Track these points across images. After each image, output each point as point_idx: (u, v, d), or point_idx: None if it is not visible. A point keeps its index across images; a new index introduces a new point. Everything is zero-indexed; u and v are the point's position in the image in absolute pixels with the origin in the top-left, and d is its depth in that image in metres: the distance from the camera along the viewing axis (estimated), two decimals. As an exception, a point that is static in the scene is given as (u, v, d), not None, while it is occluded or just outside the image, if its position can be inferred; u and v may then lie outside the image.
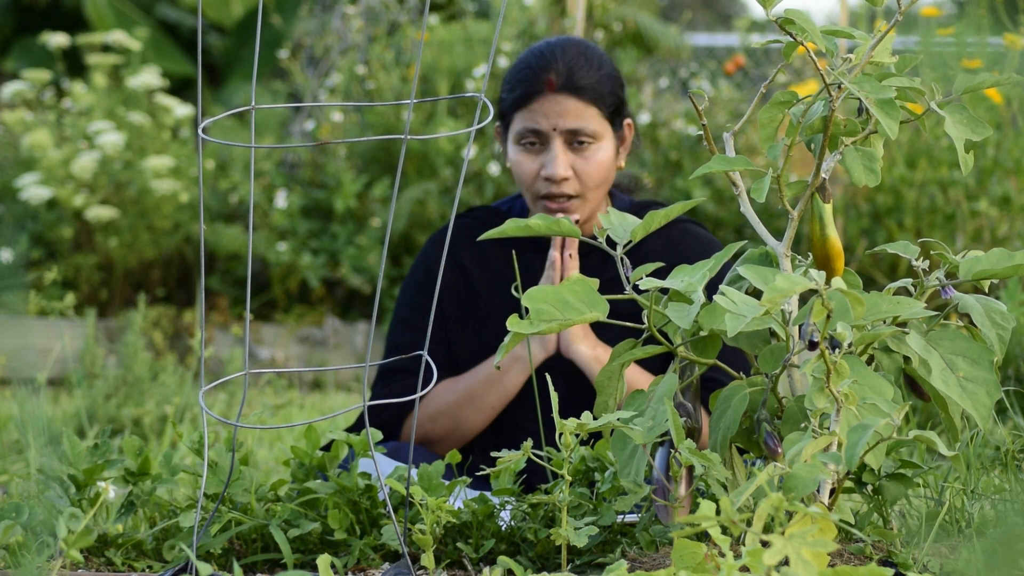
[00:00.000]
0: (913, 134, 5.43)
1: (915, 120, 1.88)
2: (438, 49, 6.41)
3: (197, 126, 1.97)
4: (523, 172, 2.63)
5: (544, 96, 2.61)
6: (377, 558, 2.02)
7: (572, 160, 2.61)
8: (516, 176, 2.65)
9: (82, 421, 3.74)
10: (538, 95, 2.61)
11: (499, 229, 1.94)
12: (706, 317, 1.82)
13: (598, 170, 2.62)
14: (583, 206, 2.63)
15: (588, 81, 2.62)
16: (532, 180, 2.62)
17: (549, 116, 2.60)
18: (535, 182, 2.62)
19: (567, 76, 2.61)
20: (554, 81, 2.60)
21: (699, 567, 1.55)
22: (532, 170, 2.62)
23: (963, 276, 1.85)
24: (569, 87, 2.61)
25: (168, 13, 10.14)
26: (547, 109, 2.60)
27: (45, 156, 5.94)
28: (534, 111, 2.61)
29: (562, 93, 2.60)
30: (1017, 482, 2.08)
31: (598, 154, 2.62)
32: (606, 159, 2.63)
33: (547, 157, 2.60)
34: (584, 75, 2.62)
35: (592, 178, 2.61)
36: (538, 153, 2.62)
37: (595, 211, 2.66)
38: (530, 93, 2.61)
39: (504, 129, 2.68)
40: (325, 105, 6.11)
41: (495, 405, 2.60)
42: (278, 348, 5.95)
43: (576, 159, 2.61)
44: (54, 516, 1.90)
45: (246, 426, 1.76)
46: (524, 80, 2.63)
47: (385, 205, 6.15)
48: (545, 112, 2.60)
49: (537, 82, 2.61)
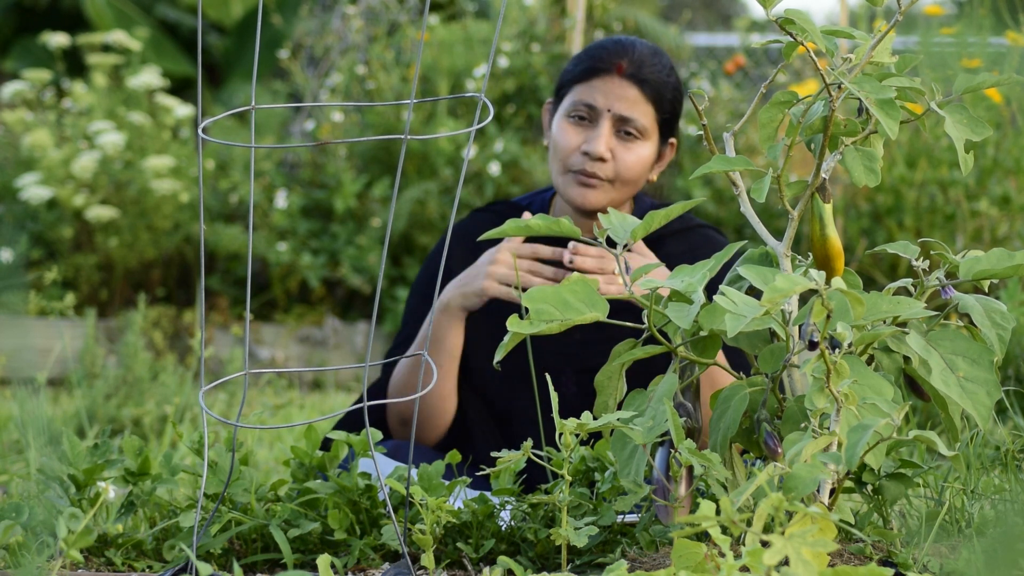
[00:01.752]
0: (913, 134, 5.43)
1: (915, 120, 1.88)
2: (438, 49, 6.41)
3: (197, 126, 1.97)
4: (565, 142, 2.64)
5: (609, 76, 2.64)
6: (377, 558, 2.02)
7: (614, 145, 2.63)
8: (554, 147, 2.66)
9: (82, 421, 3.74)
10: (604, 73, 2.65)
11: (499, 229, 1.94)
12: (706, 317, 1.82)
13: (636, 164, 2.63)
14: (608, 193, 2.64)
15: (655, 78, 2.65)
16: (570, 152, 2.64)
17: (608, 96, 2.63)
18: (572, 154, 2.64)
19: (637, 66, 2.64)
20: (624, 67, 2.64)
21: (699, 567, 1.55)
22: (574, 143, 2.64)
23: (963, 276, 1.85)
24: (636, 77, 2.64)
25: (168, 13, 10.14)
26: (608, 89, 2.63)
27: (45, 156, 5.94)
28: (594, 87, 2.64)
29: (628, 80, 2.64)
30: (1017, 482, 2.08)
31: (640, 150, 2.64)
32: (645, 158, 2.65)
33: (592, 134, 2.63)
34: (653, 72, 2.65)
35: (629, 169, 2.63)
36: (585, 129, 2.64)
37: (615, 205, 2.66)
38: (597, 69, 2.65)
39: (556, 103, 2.70)
40: (325, 105, 6.11)
41: (447, 368, 2.62)
42: (278, 348, 5.95)
43: (618, 146, 2.63)
44: (54, 516, 1.90)
45: (246, 426, 1.76)
46: (595, 57, 2.67)
47: (385, 205, 6.15)
48: (605, 91, 2.63)
49: (607, 61, 2.65)
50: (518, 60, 6.35)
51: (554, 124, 2.68)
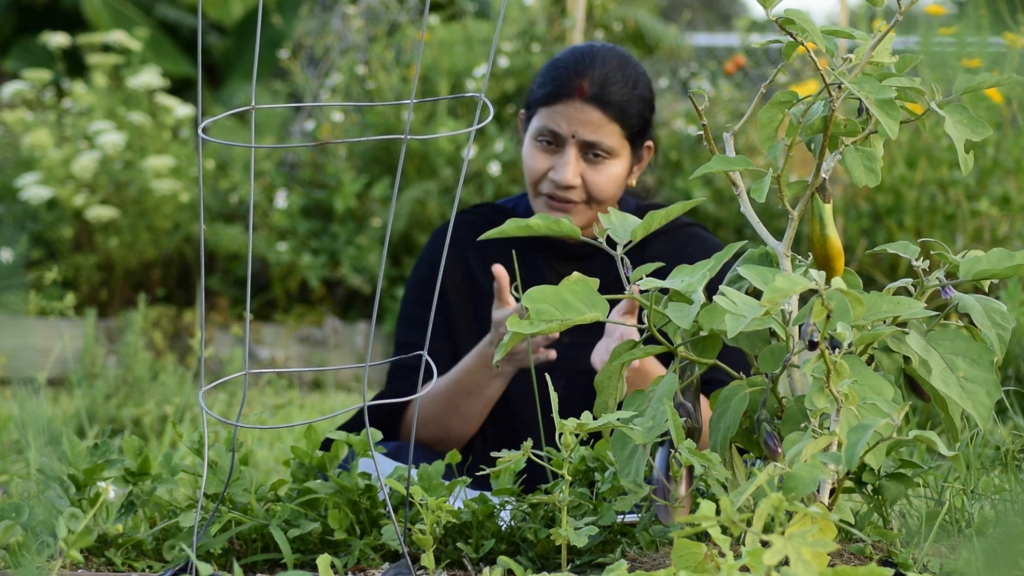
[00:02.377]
0: (913, 134, 5.43)
1: (915, 120, 1.88)
2: (438, 49, 6.41)
3: (197, 126, 1.97)
4: (533, 167, 2.63)
5: (572, 100, 2.60)
6: (377, 558, 2.02)
7: (583, 169, 2.61)
8: (525, 168, 2.66)
9: (82, 421, 3.74)
10: (566, 98, 2.61)
11: (499, 229, 1.94)
12: (706, 317, 1.82)
13: (607, 184, 2.62)
14: (582, 215, 2.63)
15: (618, 97, 2.61)
16: (539, 177, 2.63)
17: (571, 122, 2.60)
18: (542, 180, 2.63)
19: (599, 87, 2.60)
20: (585, 89, 2.60)
21: (699, 567, 1.55)
22: (542, 168, 2.62)
23: (963, 276, 1.85)
24: (598, 99, 2.60)
25: (168, 13, 10.14)
26: (570, 115, 2.60)
27: (45, 156, 5.94)
28: (557, 112, 2.60)
29: (589, 103, 2.60)
30: (1017, 482, 2.08)
31: (610, 169, 2.62)
32: (617, 176, 2.64)
33: (560, 160, 2.61)
34: (616, 91, 2.61)
35: (601, 190, 2.62)
36: (552, 153, 2.62)
37: (591, 222, 2.65)
38: (558, 94, 2.61)
39: (527, 119, 2.69)
40: (325, 105, 6.11)
41: (481, 412, 2.61)
42: (278, 348, 5.95)
43: (587, 169, 2.61)
44: (54, 516, 1.89)
45: (246, 426, 1.76)
46: (556, 79, 2.63)
47: (385, 205, 6.15)
48: (568, 117, 2.60)
49: (568, 85, 2.61)
50: (518, 60, 6.35)
51: (524, 144, 2.67)
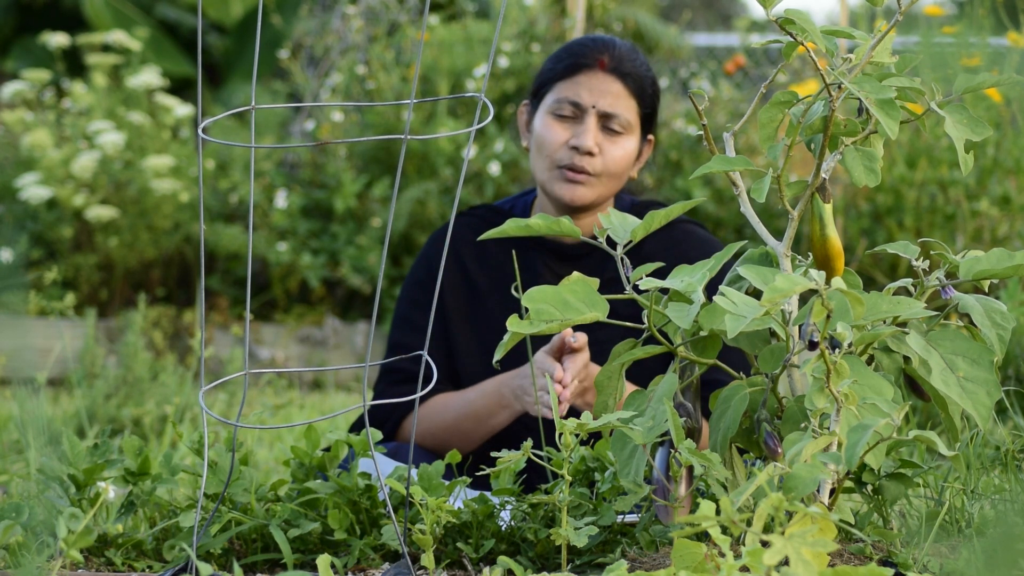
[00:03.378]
0: (913, 134, 5.43)
1: (915, 120, 1.88)
2: (438, 49, 6.41)
3: (197, 126, 1.97)
4: (550, 138, 2.65)
5: (593, 72, 2.66)
6: (377, 558, 2.02)
7: (600, 140, 2.64)
8: (539, 143, 2.67)
9: (82, 421, 3.74)
10: (587, 69, 2.66)
11: (499, 229, 1.94)
12: (706, 317, 1.82)
13: (622, 158, 2.66)
14: (595, 189, 2.64)
15: (636, 72, 2.68)
16: (557, 147, 2.64)
17: (592, 92, 2.65)
18: (559, 150, 2.64)
19: (619, 61, 2.67)
20: (606, 62, 2.67)
21: (699, 567, 1.55)
22: (560, 138, 2.65)
23: (963, 276, 1.85)
24: (619, 71, 2.67)
25: (168, 13, 10.14)
26: (592, 85, 2.65)
27: (45, 156, 5.94)
28: (579, 83, 2.66)
29: (611, 75, 2.66)
30: (1017, 482, 2.08)
31: (626, 144, 2.66)
32: (630, 152, 2.67)
33: (579, 129, 2.64)
34: (634, 67, 2.68)
35: (616, 163, 2.65)
36: (570, 124, 2.66)
37: (602, 201, 2.66)
38: (580, 65, 2.67)
39: (535, 103, 2.70)
40: (325, 105, 6.11)
41: (483, 437, 2.62)
42: (278, 348, 5.95)
43: (604, 139, 2.65)
44: (54, 516, 1.89)
45: (246, 426, 1.76)
46: (577, 54, 2.69)
47: (385, 205, 6.15)
48: (590, 87, 2.65)
49: (590, 57, 2.67)
50: (518, 60, 6.35)
51: (537, 121, 2.69)
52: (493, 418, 2.59)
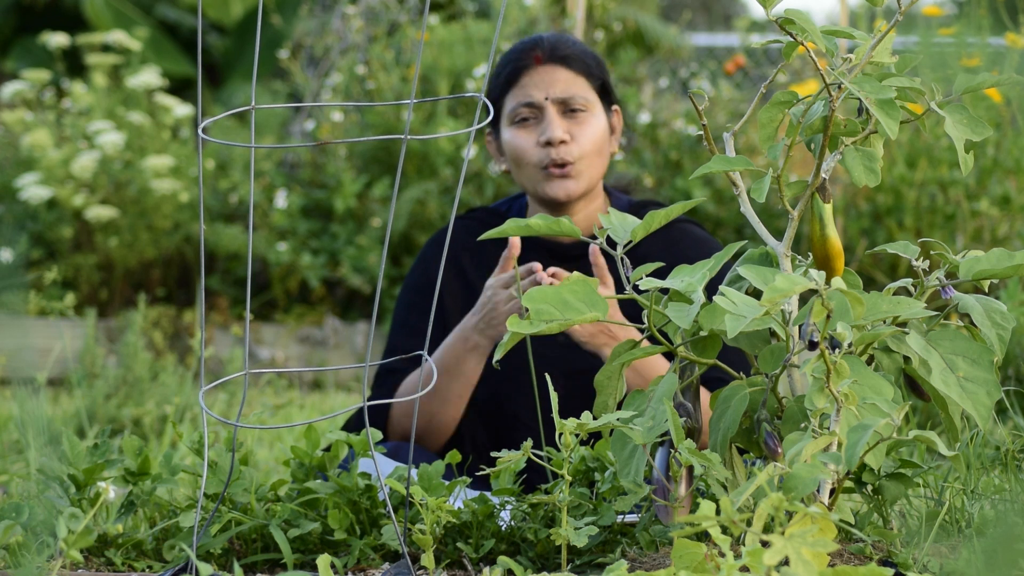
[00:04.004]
0: (913, 134, 5.43)
1: (915, 120, 1.88)
2: (438, 49, 6.41)
3: (197, 126, 1.97)
4: (521, 147, 2.65)
5: (533, 69, 2.68)
6: (377, 558, 2.02)
7: (568, 126, 2.65)
8: (515, 158, 2.67)
9: (82, 421, 3.74)
10: (527, 69, 2.68)
11: (499, 229, 1.94)
12: (706, 317, 1.82)
13: (595, 134, 2.66)
14: (582, 172, 2.65)
15: (573, 52, 2.69)
16: (531, 152, 2.64)
17: (540, 87, 2.67)
18: (534, 152, 2.64)
19: (552, 50, 2.69)
20: (541, 55, 2.68)
21: (699, 567, 1.55)
22: (530, 143, 2.65)
23: (963, 276, 1.85)
24: (556, 58, 2.68)
25: (168, 13, 10.14)
26: (537, 80, 2.67)
27: (45, 156, 5.94)
28: (525, 85, 2.67)
29: (550, 64, 2.68)
30: (1017, 482, 2.08)
31: (592, 121, 2.67)
32: (600, 128, 2.68)
33: (544, 126, 2.65)
34: (568, 48, 2.70)
35: (589, 142, 2.65)
36: (534, 126, 2.67)
37: (592, 184, 2.67)
38: (519, 68, 2.68)
39: (496, 128, 2.71)
40: (325, 105, 6.11)
41: (460, 394, 2.60)
42: (278, 348, 5.95)
43: (571, 125, 2.66)
44: (54, 516, 1.89)
45: (246, 426, 1.76)
46: (512, 60, 2.71)
47: (385, 205, 6.15)
48: (536, 83, 2.67)
49: (524, 58, 2.69)
50: (518, 60, 6.34)
51: (505, 137, 2.69)
52: (463, 365, 2.57)
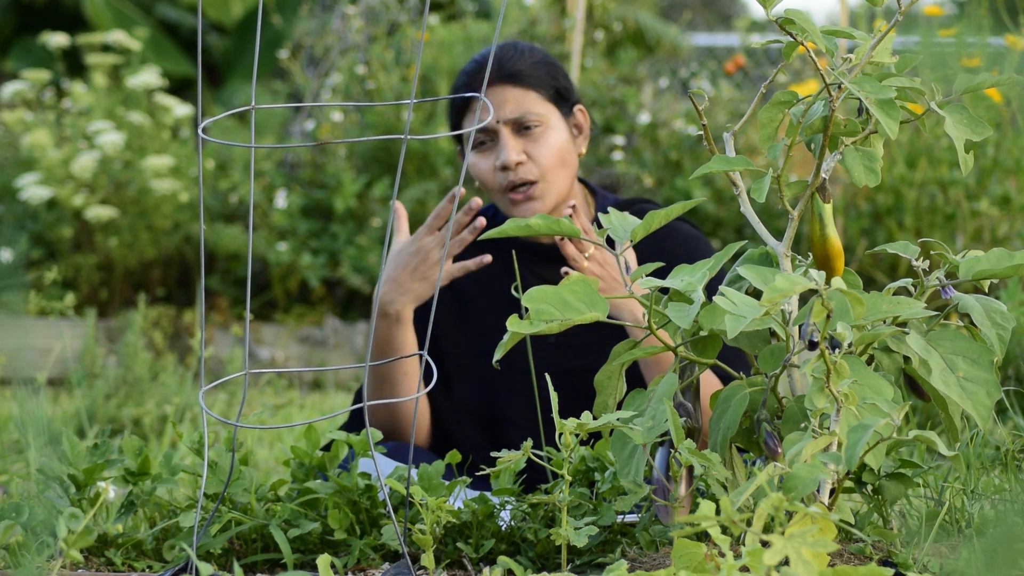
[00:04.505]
0: (913, 134, 5.43)
1: (915, 120, 1.88)
2: (438, 49, 6.41)
3: (197, 126, 1.97)
4: (482, 173, 2.63)
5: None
6: (377, 558, 2.02)
7: (523, 145, 2.61)
8: (480, 183, 2.65)
9: (82, 421, 3.74)
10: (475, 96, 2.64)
11: (499, 229, 1.94)
12: (706, 317, 1.82)
13: (554, 148, 2.62)
14: (546, 191, 2.61)
15: (520, 67, 2.64)
16: (492, 177, 2.62)
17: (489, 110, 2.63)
18: (493, 176, 2.62)
19: (498, 68, 2.63)
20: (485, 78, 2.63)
21: (699, 567, 1.55)
22: (489, 167, 2.62)
23: (963, 276, 1.84)
24: (503, 78, 2.63)
25: (168, 13, 10.14)
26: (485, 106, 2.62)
27: (45, 156, 5.94)
28: (475, 111, 2.62)
29: (499, 84, 2.63)
30: (1017, 482, 2.08)
31: (548, 136, 2.62)
32: (559, 139, 2.63)
33: (498, 150, 2.61)
34: (515, 63, 2.64)
35: (547, 158, 2.61)
36: (491, 150, 2.63)
37: (561, 198, 2.64)
38: (467, 97, 2.63)
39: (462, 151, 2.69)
40: (325, 105, 6.11)
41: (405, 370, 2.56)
42: (278, 348, 5.95)
43: (527, 143, 2.62)
44: (54, 516, 1.89)
45: (246, 426, 1.76)
46: (459, 90, 2.67)
47: (385, 205, 6.15)
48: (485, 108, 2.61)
49: (471, 87, 2.64)
50: (518, 60, 6.34)
51: (468, 165, 2.66)
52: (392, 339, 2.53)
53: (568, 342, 2.61)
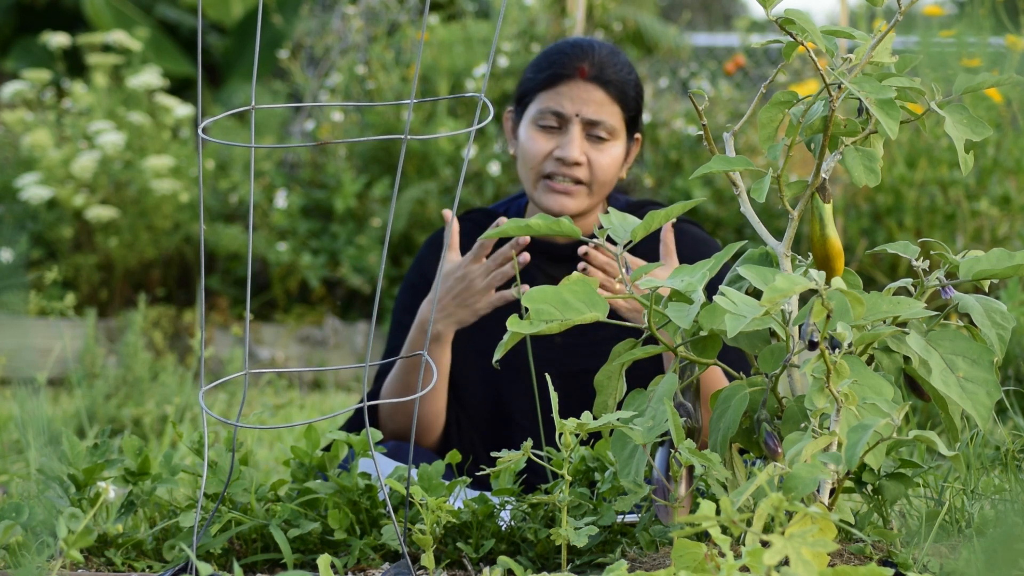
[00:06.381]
0: (913, 134, 5.43)
1: (915, 120, 1.88)
2: (438, 49, 6.41)
3: (197, 126, 1.97)
4: (534, 150, 2.63)
5: (574, 81, 2.64)
6: (377, 558, 2.02)
7: (587, 149, 2.63)
8: (524, 155, 2.65)
9: (82, 421, 3.74)
10: (568, 79, 2.64)
11: (499, 229, 1.94)
12: (706, 317, 1.82)
13: (610, 165, 2.64)
14: (582, 199, 2.63)
15: (618, 78, 2.65)
16: (541, 159, 2.63)
17: (575, 101, 2.63)
18: (544, 161, 2.63)
19: (600, 68, 2.64)
20: (587, 70, 2.64)
21: (699, 567, 1.55)
22: (544, 150, 2.63)
23: (963, 276, 1.85)
24: (600, 79, 2.64)
25: (168, 13, 10.14)
26: (574, 94, 2.63)
27: (45, 156, 5.94)
28: (561, 93, 2.63)
29: (592, 83, 2.64)
30: (1017, 482, 2.08)
31: (612, 150, 2.64)
32: (617, 158, 2.66)
33: (563, 140, 2.62)
34: (615, 72, 2.66)
35: (604, 171, 2.63)
36: (554, 135, 2.64)
37: (591, 208, 2.66)
38: (561, 75, 2.64)
39: (519, 112, 2.69)
40: (325, 105, 6.11)
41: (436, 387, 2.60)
42: (278, 348, 5.95)
43: (591, 148, 2.63)
44: (54, 516, 1.90)
45: (246, 426, 1.76)
46: (557, 63, 2.66)
47: (385, 205, 6.15)
48: (572, 96, 2.63)
49: (570, 66, 2.64)
50: (518, 60, 6.35)
51: (521, 133, 2.67)
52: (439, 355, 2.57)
53: (575, 343, 2.62)
